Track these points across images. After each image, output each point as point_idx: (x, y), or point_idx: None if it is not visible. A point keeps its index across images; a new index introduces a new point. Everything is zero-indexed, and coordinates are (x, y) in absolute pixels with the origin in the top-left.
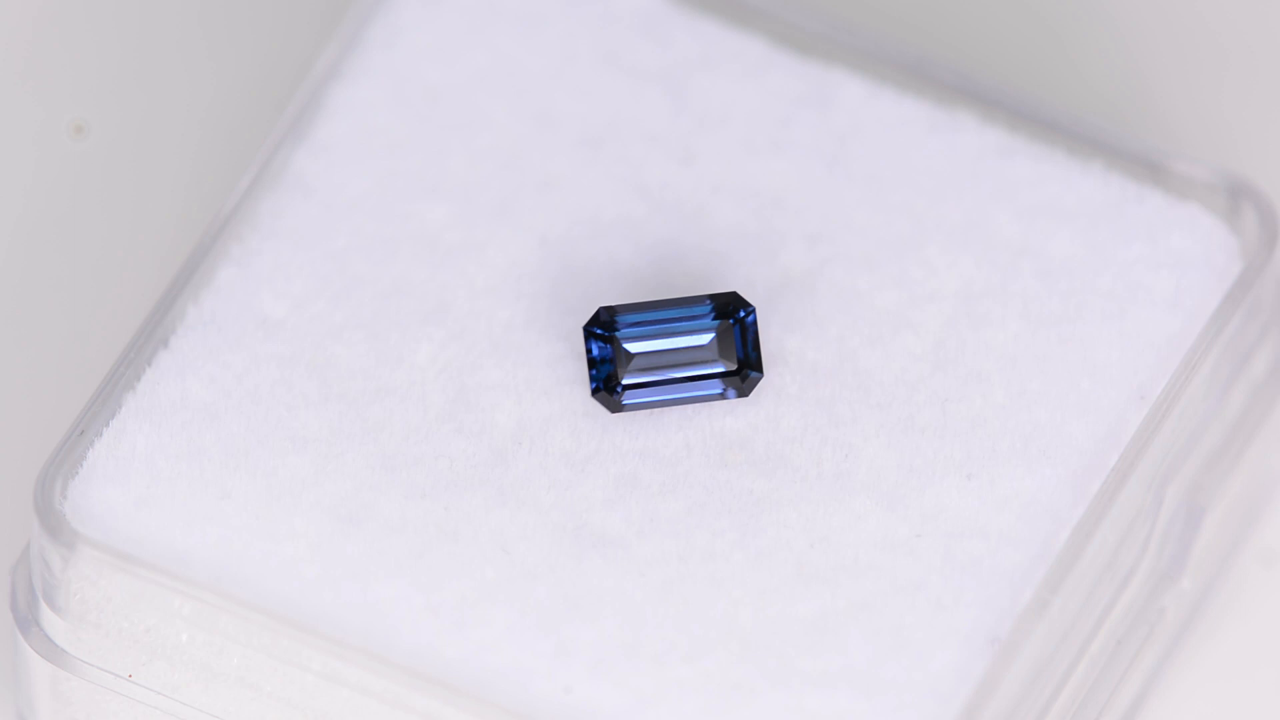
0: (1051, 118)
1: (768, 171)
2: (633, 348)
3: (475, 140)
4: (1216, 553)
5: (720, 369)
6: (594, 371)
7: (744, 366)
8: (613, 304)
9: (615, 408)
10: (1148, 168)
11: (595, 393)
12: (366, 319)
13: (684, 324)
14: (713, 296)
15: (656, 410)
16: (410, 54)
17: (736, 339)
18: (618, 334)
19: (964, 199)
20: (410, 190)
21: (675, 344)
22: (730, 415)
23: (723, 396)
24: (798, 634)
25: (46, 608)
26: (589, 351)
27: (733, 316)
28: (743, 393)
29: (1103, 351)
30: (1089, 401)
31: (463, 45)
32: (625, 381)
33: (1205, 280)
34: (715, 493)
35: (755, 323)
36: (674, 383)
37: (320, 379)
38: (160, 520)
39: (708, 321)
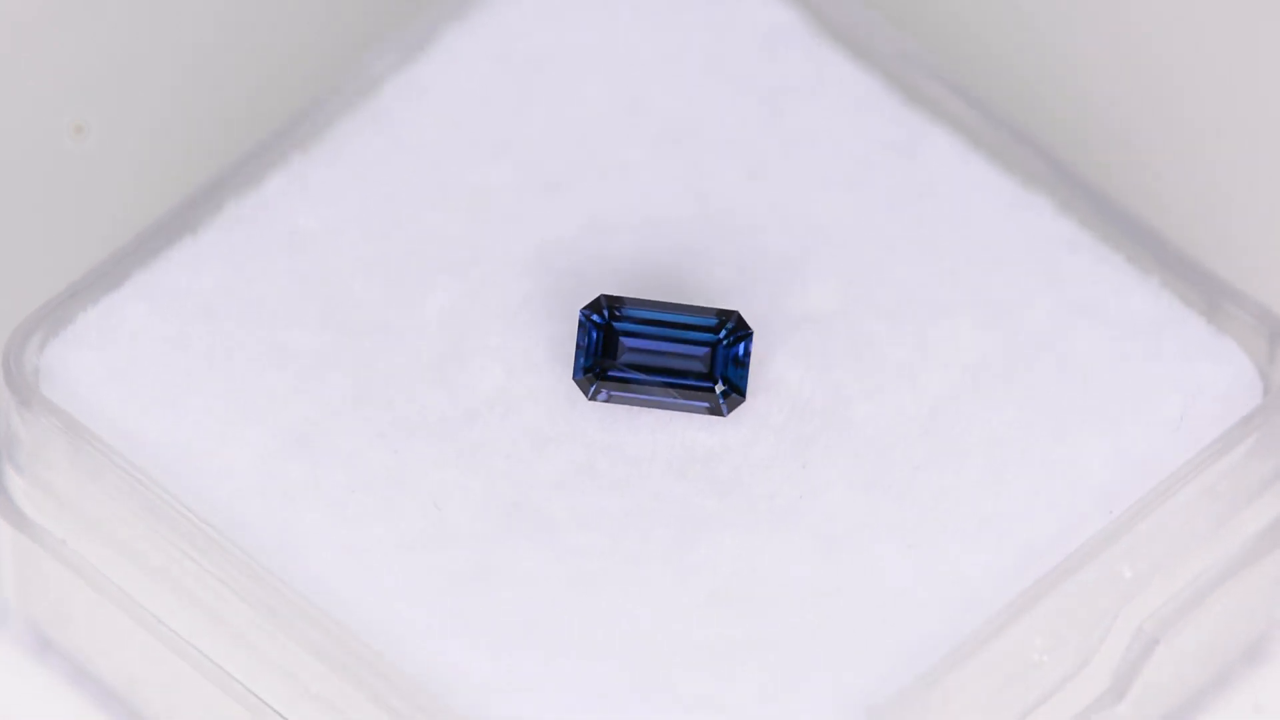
0: (1126, 223)
1: (830, 205)
2: (625, 342)
3: (559, 112)
4: (1181, 693)
5: (705, 384)
6: (580, 356)
7: (728, 386)
8: (620, 295)
9: (592, 395)
10: (1201, 294)
11: (576, 377)
12: (390, 258)
13: (682, 331)
14: (718, 312)
15: (637, 409)
16: (528, 14)
17: (728, 357)
18: (615, 325)
19: (1013, 280)
20: (479, 147)
21: (668, 349)
22: (705, 430)
23: (703, 410)
24: (688, 655)
25: (7, 463)
26: (579, 335)
27: (730, 335)
28: (720, 411)
29: (1088, 458)
30: (1057, 502)
31: (579, 18)
32: (609, 373)
33: (1217, 412)
34: (663, 501)
35: (749, 346)
36: (657, 386)
37: (325, 304)
38: (123, 398)
39: (706, 335)
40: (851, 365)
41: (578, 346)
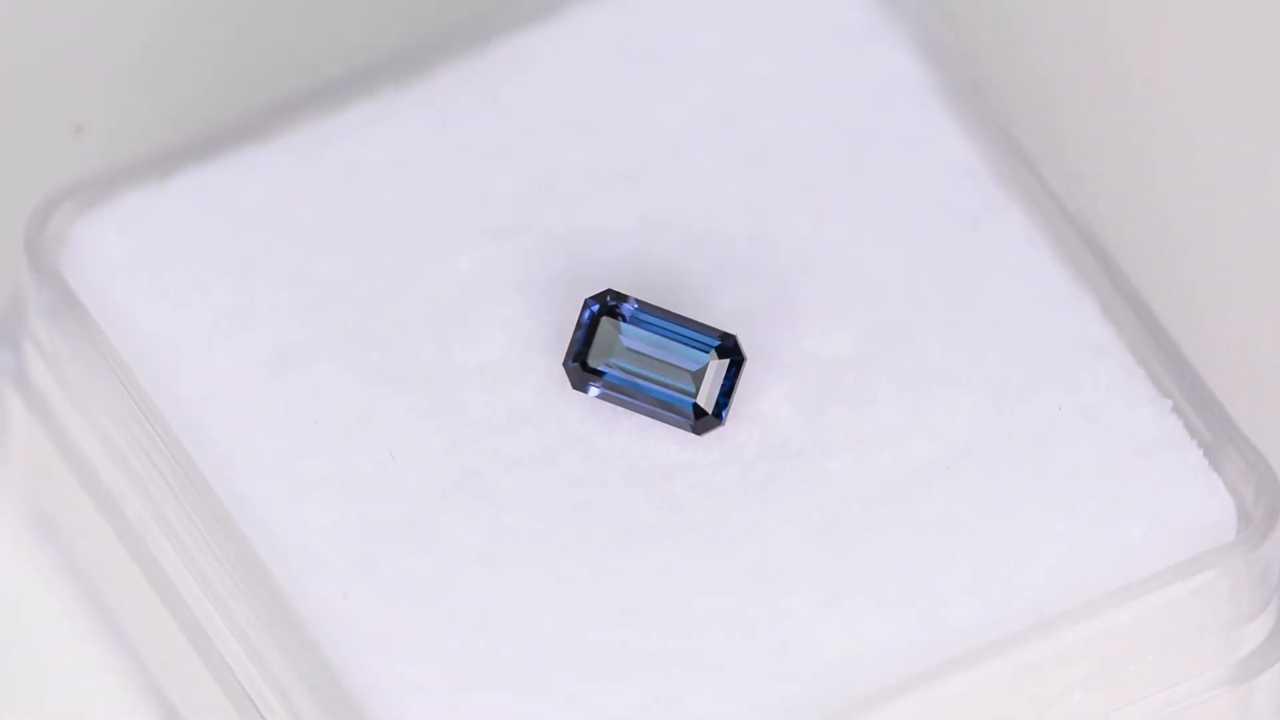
0: (1160, 340)
1: (883, 258)
2: (621, 340)
3: (653, 108)
4: None
5: (688, 401)
6: (574, 344)
7: (720, 401)
8: (627, 294)
9: (578, 385)
10: (1208, 426)
11: (565, 364)
12: (437, 208)
13: (679, 343)
14: (720, 333)
15: (620, 408)
16: (658, 8)
17: (714, 378)
18: (615, 321)
19: (1033, 370)
20: (566, 124)
21: (661, 356)
22: (679, 445)
23: (683, 425)
24: (578, 654)
25: (18, 327)
26: (578, 324)
27: (724, 357)
28: (696, 430)
29: (1038, 559)
30: (987, 594)
31: (705, 22)
32: (594, 366)
33: (1184, 543)
34: (610, 503)
35: (738, 373)
36: (640, 392)
37: (358, 238)
38: (133, 285)
39: (702, 353)
40: (843, 416)
41: (573, 333)
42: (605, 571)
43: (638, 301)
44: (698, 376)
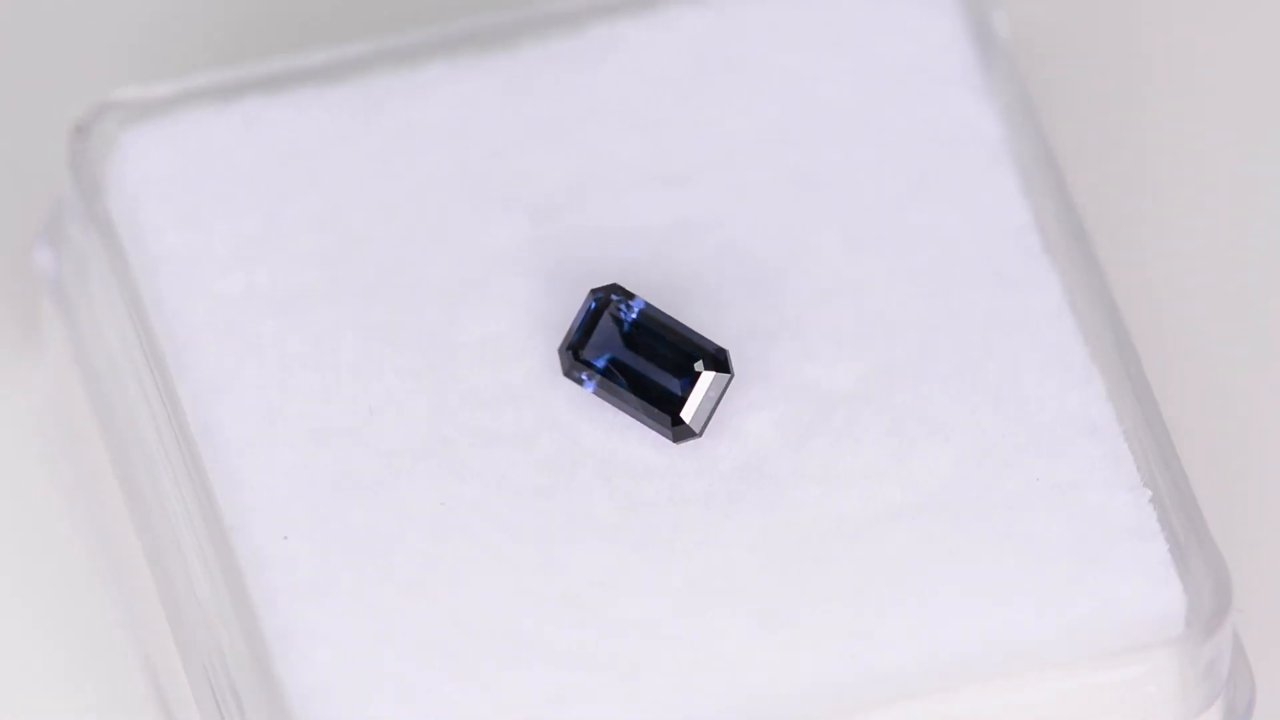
0: (1156, 430)
1: (907, 299)
2: (617, 336)
3: (721, 116)
4: None
5: (669, 407)
6: (571, 333)
7: (701, 416)
8: (635, 293)
9: (568, 373)
10: (1180, 523)
11: (560, 350)
12: (482, 181)
13: (672, 350)
14: (716, 348)
15: (608, 404)
16: (760, 18)
17: (700, 390)
18: (618, 316)
19: (1024, 440)
20: (632, 118)
21: (653, 360)
22: (657, 450)
23: (663, 431)
24: (504, 637)
25: (58, 230)
26: (579, 313)
27: (714, 370)
28: (675, 438)
29: (976, 623)
30: (919, 645)
31: (802, 40)
32: (586, 358)
33: (1120, 628)
34: (571, 494)
35: (723, 390)
36: (627, 391)
37: (396, 195)
38: (163, 205)
39: (692, 363)
40: (824, 448)
41: (573, 322)
42: (550, 560)
43: (644, 303)
44: (683, 386)
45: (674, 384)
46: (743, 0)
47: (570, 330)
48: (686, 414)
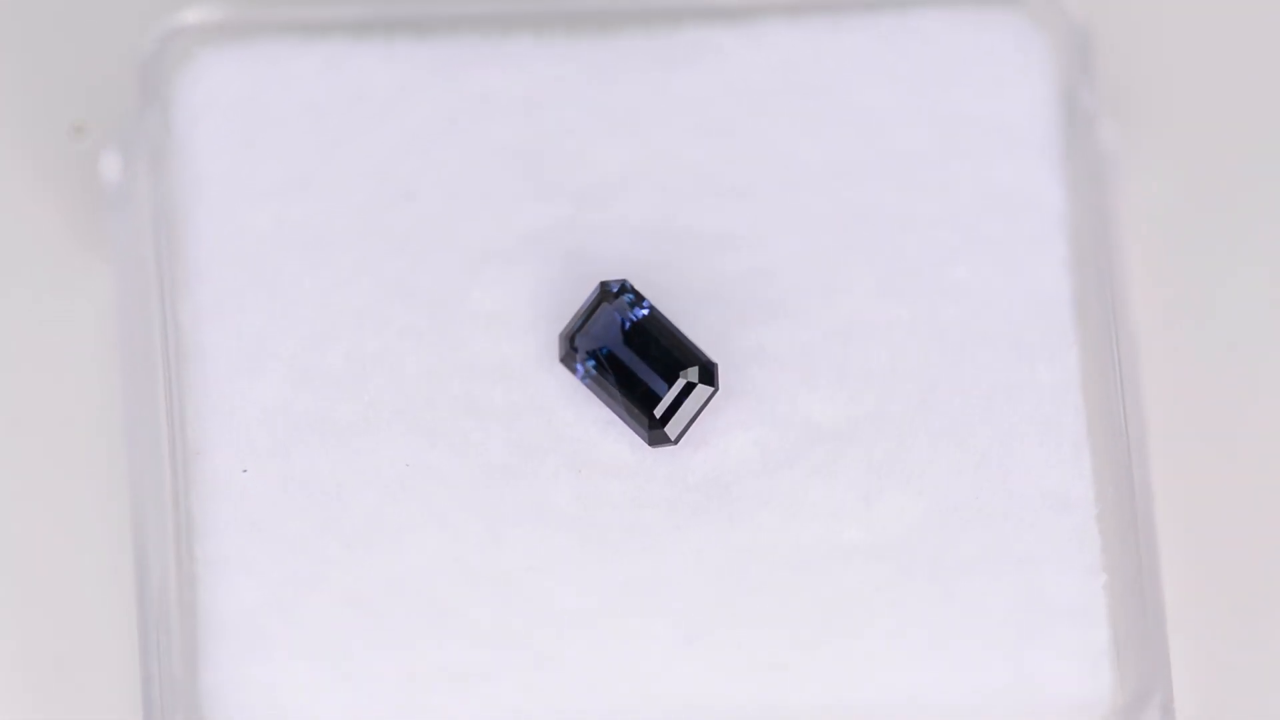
0: (1123, 518)
1: (922, 351)
2: (616, 330)
3: (786, 135)
4: None
5: (647, 410)
6: (574, 321)
7: (679, 424)
8: (643, 294)
9: (563, 359)
10: (1127, 617)
11: (561, 334)
12: (538, 160)
13: (664, 355)
14: (706, 361)
15: (595, 396)
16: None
17: (682, 399)
18: (621, 311)
19: (992, 505)
20: (702, 124)
21: (643, 361)
22: (630, 449)
23: (640, 433)
24: (411, 606)
25: (128, 140)
26: (586, 302)
27: (700, 381)
28: (650, 441)
29: (900, 671)
30: (832, 684)
31: (885, 74)
32: (580, 346)
33: (1037, 704)
34: (535, 477)
35: (704, 403)
36: (613, 387)
37: (451, 160)
38: (221, 129)
39: (679, 371)
40: (796, 479)
41: (578, 310)
42: (495, 539)
43: (650, 306)
44: (666, 393)
45: (660, 388)
46: (840, 29)
47: (574, 318)
48: (664, 419)
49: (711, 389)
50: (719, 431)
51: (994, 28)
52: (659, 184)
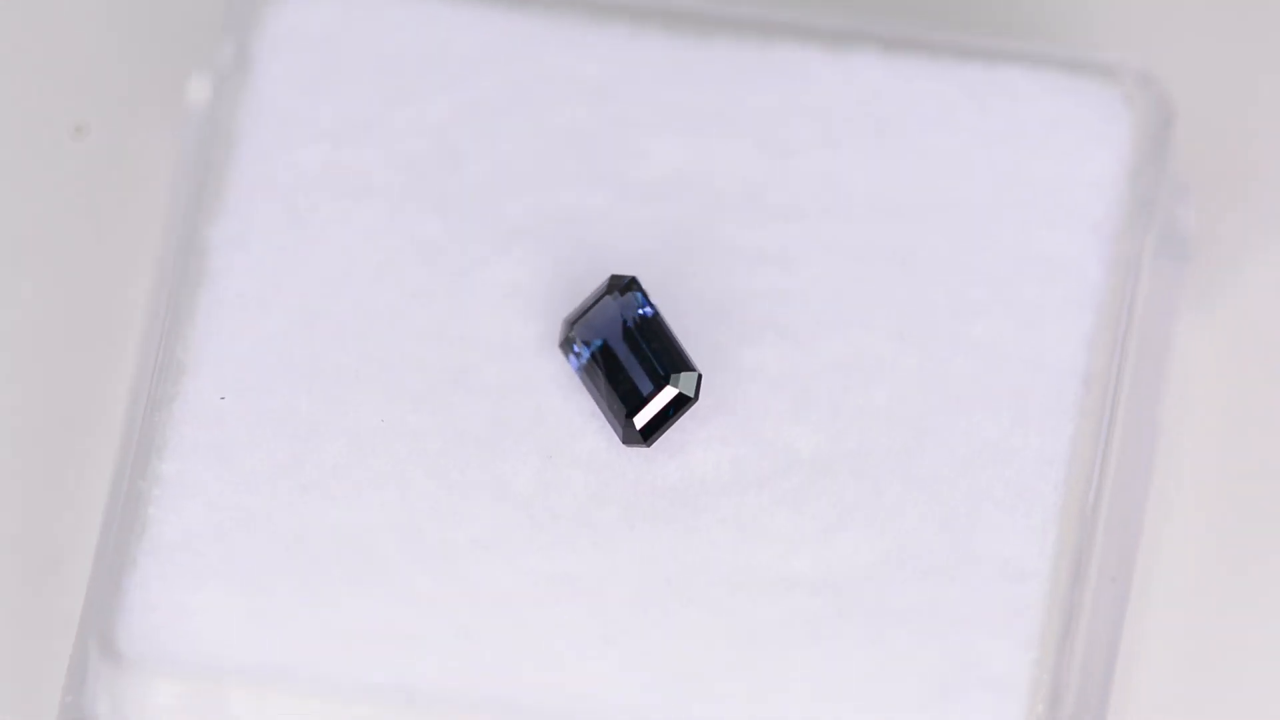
0: (1080, 591)
1: (924, 406)
2: (615, 323)
3: (849, 168)
4: None
5: (623, 409)
6: (579, 309)
7: (652, 426)
8: (649, 294)
9: (561, 342)
10: (1051, 695)
11: (565, 319)
12: (597, 148)
13: (653, 358)
14: (693, 371)
15: (585, 387)
16: (938, 94)
17: (662, 405)
18: (620, 306)
19: (945, 564)
20: (768, 141)
21: (633, 360)
22: (606, 445)
23: (615, 429)
24: (346, 560)
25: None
26: (595, 293)
27: (679, 390)
28: (624, 440)
29: (824, 706)
30: (753, 707)
31: (963, 124)
32: (575, 333)
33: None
34: (502, 456)
35: (681, 411)
36: (600, 380)
37: (512, 135)
38: (293, 65)
39: (664, 375)
40: (761, 503)
41: (585, 299)
42: (448, 509)
43: (654, 310)
44: (649, 394)
45: (645, 387)
46: (929, 71)
47: (579, 306)
48: (639, 420)
49: (691, 399)
50: (698, 443)
51: (1080, 95)
52: (706, 191)
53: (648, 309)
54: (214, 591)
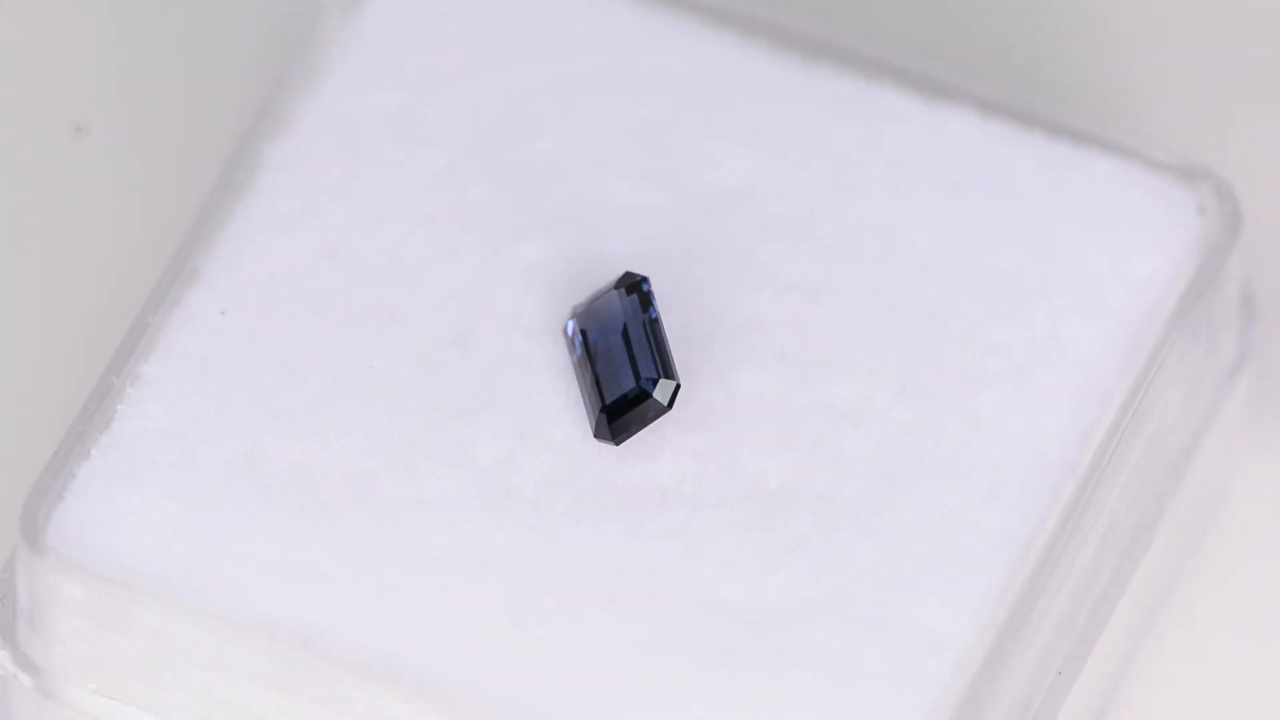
0: (1003, 669)
1: (896, 467)
2: (616, 315)
3: (895, 213)
4: None
5: (598, 404)
6: (589, 298)
7: (622, 426)
8: (653, 298)
9: (564, 325)
10: None
11: (573, 306)
12: (658, 150)
13: (640, 359)
14: (674, 380)
15: (576, 377)
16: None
17: (633, 406)
18: (624, 303)
19: (861, 621)
20: (822, 170)
21: (621, 358)
22: (581, 435)
23: (590, 417)
24: (291, 493)
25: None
26: (605, 286)
27: (655, 395)
28: (595, 433)
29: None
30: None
31: (1023, 190)
32: (575, 320)
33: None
34: (476, 421)
35: (653, 417)
36: (587, 370)
37: (586, 123)
38: (388, 33)
39: (646, 378)
40: (709, 527)
41: (601, 288)
42: (403, 466)
43: (656, 314)
44: (629, 393)
45: (625, 388)
46: (1018, 139)
47: (592, 295)
48: (609, 415)
49: (665, 408)
50: (671, 452)
51: (1153, 194)
52: (759, 211)
53: (651, 311)
54: (150, 497)
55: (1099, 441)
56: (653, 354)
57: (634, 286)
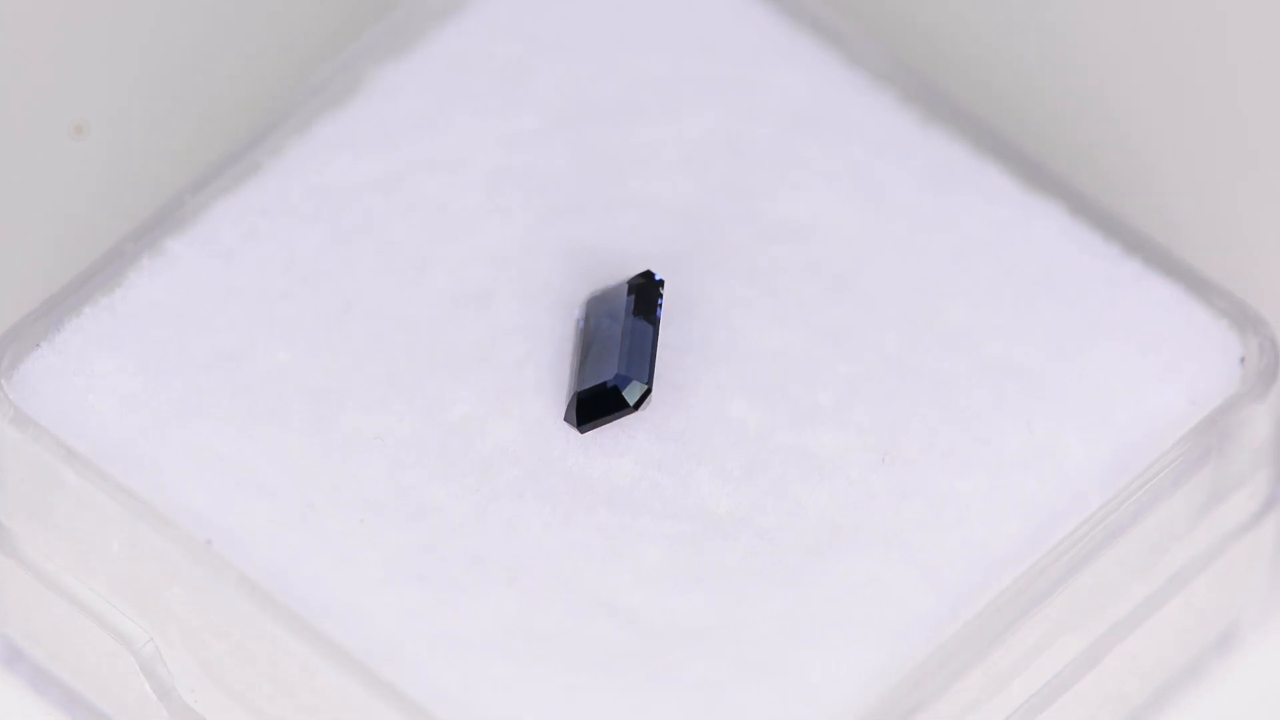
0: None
1: (861, 519)
2: (617, 310)
3: (931, 270)
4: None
5: (578, 390)
6: (608, 287)
7: (587, 415)
8: (660, 300)
9: (577, 313)
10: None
11: (590, 294)
12: (698, 161)
13: (626, 355)
14: (649, 382)
15: (571, 358)
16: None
17: (603, 400)
18: (630, 301)
19: (791, 635)
20: (838, 181)
21: (610, 349)
22: (551, 422)
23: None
24: (259, 435)
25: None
26: (622, 280)
27: (625, 393)
28: (566, 417)
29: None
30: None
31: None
32: (584, 304)
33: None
34: (462, 395)
35: (620, 414)
36: (578, 353)
37: (618, 102)
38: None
39: (623, 376)
40: (640, 536)
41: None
42: (369, 409)
43: (658, 319)
44: (607, 385)
45: (604, 378)
46: (1091, 246)
47: (608, 286)
48: (583, 403)
49: (629, 408)
50: (635, 457)
51: (1202, 331)
52: (814, 251)
53: (655, 313)
54: (125, 367)
55: (1052, 556)
56: (636, 354)
57: (646, 286)
